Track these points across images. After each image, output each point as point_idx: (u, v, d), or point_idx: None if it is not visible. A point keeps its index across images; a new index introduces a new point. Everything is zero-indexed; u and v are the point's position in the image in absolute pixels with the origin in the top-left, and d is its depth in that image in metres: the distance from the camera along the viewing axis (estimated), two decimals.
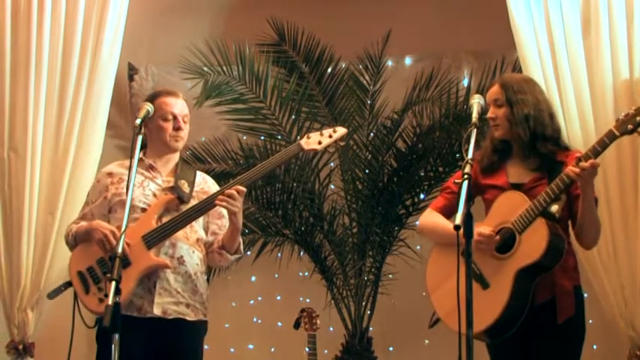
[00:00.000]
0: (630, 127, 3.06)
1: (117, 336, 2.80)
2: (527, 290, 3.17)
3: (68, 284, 3.45)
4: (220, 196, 3.41)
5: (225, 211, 3.56)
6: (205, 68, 5.44)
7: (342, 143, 3.67)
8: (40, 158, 4.51)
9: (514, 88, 3.32)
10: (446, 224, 3.37)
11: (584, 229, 3.25)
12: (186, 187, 3.52)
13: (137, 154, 3.14)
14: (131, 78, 6.02)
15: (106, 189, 3.54)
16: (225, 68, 5.46)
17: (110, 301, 2.72)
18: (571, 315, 3.20)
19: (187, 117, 3.60)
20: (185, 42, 5.59)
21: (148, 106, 3.33)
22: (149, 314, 3.37)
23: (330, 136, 3.60)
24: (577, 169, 3.07)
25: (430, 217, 3.49)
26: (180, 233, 3.43)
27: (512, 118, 3.29)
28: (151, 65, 6.05)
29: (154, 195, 3.49)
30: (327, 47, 5.62)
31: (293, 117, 5.53)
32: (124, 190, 3.43)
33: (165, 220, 3.44)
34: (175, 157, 3.63)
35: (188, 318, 3.45)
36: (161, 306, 3.38)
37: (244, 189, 3.44)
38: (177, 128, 3.54)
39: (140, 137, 3.18)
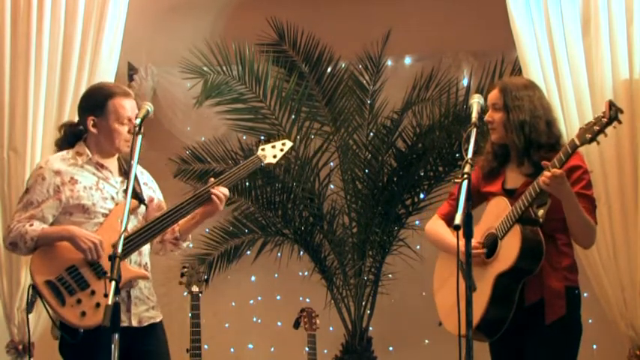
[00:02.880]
0: (589, 136, 3.08)
1: (116, 336, 2.78)
2: (511, 293, 3.20)
3: (35, 292, 3.22)
4: (216, 192, 3.37)
5: (160, 195, 3.53)
6: (205, 68, 5.44)
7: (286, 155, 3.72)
8: (39, 158, 4.50)
9: (513, 93, 3.32)
10: (445, 235, 3.43)
11: (572, 231, 3.28)
12: (138, 188, 3.41)
13: (137, 153, 3.05)
14: (131, 78, 6.02)
15: (58, 190, 3.29)
16: (224, 68, 5.47)
17: (110, 301, 2.68)
18: (561, 315, 3.21)
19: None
20: (185, 42, 5.60)
21: (148, 106, 3.25)
22: (124, 323, 3.25)
23: (282, 150, 3.65)
24: (544, 178, 3.10)
25: (434, 226, 3.54)
26: None
27: (508, 123, 3.31)
28: (151, 65, 6.05)
29: (112, 199, 3.35)
30: (327, 47, 5.62)
31: (293, 117, 5.54)
32: (82, 194, 3.30)
33: (128, 225, 3.27)
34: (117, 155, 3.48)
35: (157, 320, 3.43)
36: (137, 316, 3.34)
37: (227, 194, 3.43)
38: (131, 133, 3.31)
39: (140, 137, 3.09)
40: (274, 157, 3.61)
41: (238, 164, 3.76)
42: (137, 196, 3.37)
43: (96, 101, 3.41)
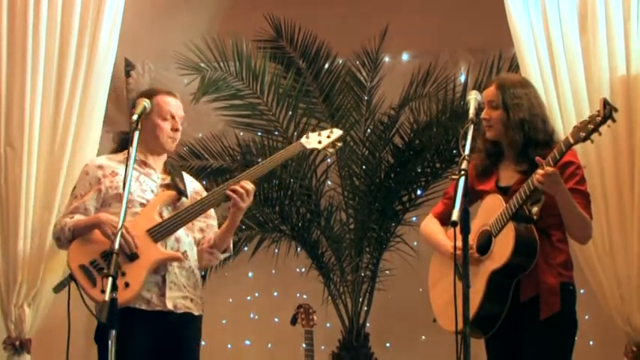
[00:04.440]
0: (583, 134, 3.08)
1: (114, 332, 2.78)
2: (506, 289, 3.22)
3: (71, 277, 3.38)
4: (233, 187, 3.42)
5: (212, 211, 3.59)
6: (202, 64, 5.44)
7: (339, 144, 3.70)
8: (36, 154, 4.50)
9: (511, 91, 3.32)
10: (438, 235, 3.46)
11: (568, 227, 3.29)
12: (181, 185, 3.52)
13: (134, 150, 3.08)
14: (128, 74, 6.02)
15: (98, 182, 3.45)
16: (222, 64, 5.46)
17: (107, 297, 2.69)
18: (556, 311, 3.21)
19: (182, 119, 3.58)
20: (182, 38, 5.59)
21: (145, 102, 3.30)
22: (158, 307, 3.35)
23: (329, 137, 3.65)
24: (538, 177, 3.11)
25: (428, 226, 3.56)
26: (182, 228, 3.43)
27: (508, 122, 3.30)
28: (148, 61, 6.05)
29: (152, 192, 3.47)
30: (324, 43, 5.62)
31: (290, 113, 5.54)
32: (121, 184, 3.38)
33: (165, 215, 3.42)
34: (165, 156, 3.61)
35: (194, 312, 3.46)
36: (172, 300, 3.38)
37: (254, 188, 3.47)
38: (175, 129, 3.52)
39: (137, 133, 3.13)
40: (319, 142, 3.63)
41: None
42: (179, 189, 3.49)
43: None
